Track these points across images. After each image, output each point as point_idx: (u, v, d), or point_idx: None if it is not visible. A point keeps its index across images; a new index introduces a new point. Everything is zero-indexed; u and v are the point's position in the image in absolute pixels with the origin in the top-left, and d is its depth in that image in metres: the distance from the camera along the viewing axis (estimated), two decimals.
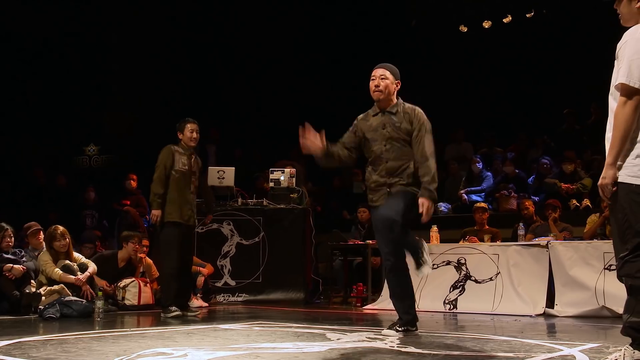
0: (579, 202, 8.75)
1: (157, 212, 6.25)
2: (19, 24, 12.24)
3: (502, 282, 6.74)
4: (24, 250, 6.95)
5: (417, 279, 7.06)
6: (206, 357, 3.48)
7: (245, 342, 4.16)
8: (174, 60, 13.24)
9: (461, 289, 6.96)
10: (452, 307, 6.92)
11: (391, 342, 4.13)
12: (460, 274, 7.02)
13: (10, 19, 12.15)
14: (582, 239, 7.19)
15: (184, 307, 6.37)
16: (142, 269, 7.38)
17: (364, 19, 13.17)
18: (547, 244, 6.64)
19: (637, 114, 2.99)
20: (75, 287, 6.42)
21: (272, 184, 8.49)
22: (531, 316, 6.33)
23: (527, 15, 11.89)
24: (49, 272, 6.44)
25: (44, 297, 6.24)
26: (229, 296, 8.10)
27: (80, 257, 6.84)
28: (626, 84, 2.98)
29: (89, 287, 6.50)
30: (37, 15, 12.29)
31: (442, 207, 9.99)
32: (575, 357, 3.50)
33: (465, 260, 7.03)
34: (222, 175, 8.32)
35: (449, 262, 7.12)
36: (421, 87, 10.50)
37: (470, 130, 11.95)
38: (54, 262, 6.54)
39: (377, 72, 4.67)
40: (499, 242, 7.40)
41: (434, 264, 7.14)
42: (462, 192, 10.00)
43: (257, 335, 4.60)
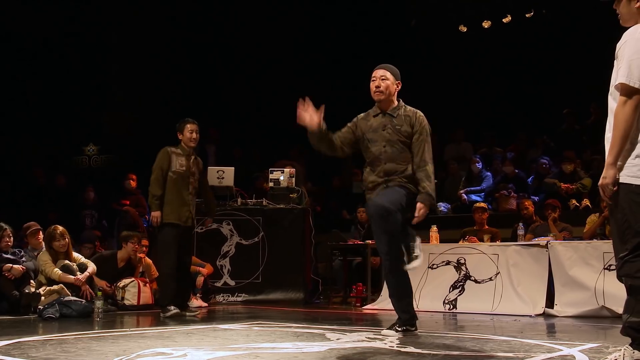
0: (578, 202, 8.75)
1: (156, 214, 6.26)
2: (19, 24, 12.24)
3: (502, 282, 6.74)
4: (24, 250, 6.95)
5: (417, 279, 7.09)
6: (206, 357, 3.48)
7: (244, 342, 4.16)
8: (174, 60, 13.23)
9: (461, 289, 6.96)
10: (452, 307, 6.92)
11: (391, 342, 4.13)
12: (459, 274, 7.01)
13: (10, 19, 12.15)
14: (581, 239, 7.19)
15: (183, 307, 6.37)
16: (141, 269, 7.38)
17: (364, 19, 13.17)
18: (546, 244, 6.64)
19: (637, 114, 2.99)
20: (74, 287, 6.41)
21: (271, 184, 8.48)
22: (531, 316, 6.33)
23: (527, 15, 11.88)
24: (48, 272, 6.43)
25: (43, 297, 6.23)
26: (229, 296, 8.09)
27: (79, 257, 6.83)
28: (626, 83, 2.98)
29: (88, 287, 6.50)
30: (37, 15, 12.29)
31: (442, 207, 9.99)
32: (574, 357, 3.50)
33: (464, 260, 7.03)
34: (222, 175, 8.32)
35: (448, 262, 7.12)
36: (421, 87, 10.50)
37: (469, 130, 11.94)
38: (54, 262, 6.53)
39: (378, 73, 4.65)
40: (498, 242, 7.39)
41: (433, 264, 7.18)
42: (461, 192, 9.99)
43: (256, 335, 4.60)
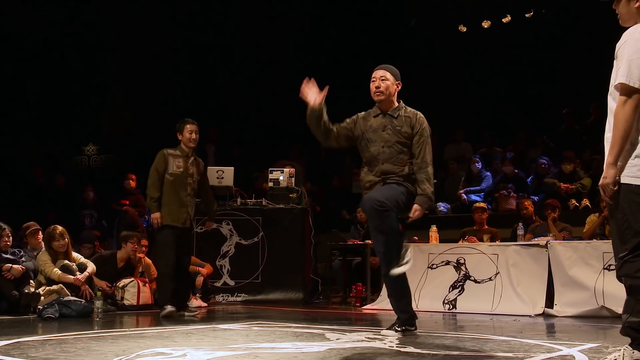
0: (578, 202, 8.75)
1: (156, 215, 6.27)
2: (19, 24, 12.24)
3: (502, 282, 6.74)
4: (23, 250, 6.94)
5: (416, 279, 7.09)
6: (205, 357, 3.48)
7: (244, 342, 4.16)
8: (174, 60, 13.23)
9: (460, 289, 6.96)
10: (452, 307, 6.92)
11: (390, 342, 4.13)
12: (459, 274, 7.01)
13: (10, 19, 12.15)
14: (581, 239, 7.19)
15: (183, 307, 6.37)
16: (141, 269, 7.38)
17: (364, 19, 13.16)
18: (546, 244, 6.64)
19: (636, 114, 2.99)
20: (74, 287, 6.41)
21: (271, 184, 8.48)
22: (530, 316, 6.32)
23: (527, 15, 11.88)
24: (47, 272, 6.42)
25: (42, 297, 6.23)
26: (228, 296, 8.09)
27: (79, 257, 6.82)
28: (626, 83, 2.98)
29: (87, 287, 6.49)
30: (37, 15, 12.29)
31: (442, 207, 9.99)
32: (574, 357, 3.50)
33: (464, 260, 7.03)
34: (221, 175, 8.32)
35: (448, 262, 7.12)
36: (421, 87, 10.50)
37: (469, 130, 11.94)
38: (53, 262, 6.52)
39: (378, 73, 4.64)
40: (498, 242, 7.39)
41: (433, 264, 7.18)
42: (461, 192, 9.99)
43: (256, 335, 4.60)
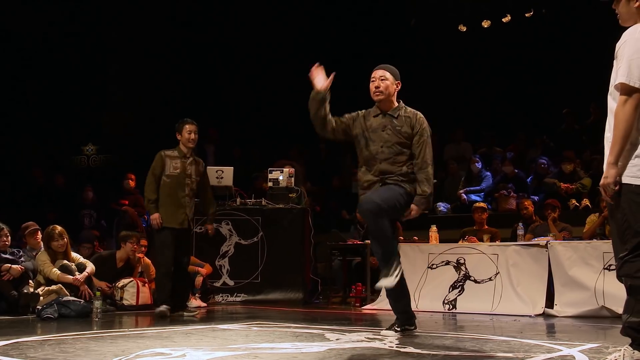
0: (578, 202, 8.74)
1: (155, 216, 6.29)
2: (19, 24, 12.24)
3: (502, 282, 6.73)
4: (22, 250, 6.94)
5: (416, 279, 7.09)
6: (205, 357, 3.48)
7: (243, 342, 4.16)
8: (174, 60, 13.23)
9: (460, 289, 6.95)
10: (451, 307, 6.91)
11: (390, 342, 4.13)
12: (459, 274, 7.00)
13: (10, 19, 12.15)
14: (581, 239, 7.18)
15: (182, 307, 6.36)
16: (140, 269, 7.37)
17: (364, 19, 13.16)
18: (546, 244, 6.63)
19: (637, 113, 2.99)
20: (73, 287, 6.39)
21: (270, 184, 8.46)
22: (530, 316, 6.32)
23: (527, 14, 11.88)
24: (46, 272, 6.41)
25: (41, 297, 6.22)
26: (228, 296, 8.08)
27: (78, 257, 6.81)
28: (626, 83, 2.98)
29: (87, 287, 6.47)
30: (37, 15, 12.28)
31: (442, 207, 9.99)
32: (574, 357, 3.50)
33: (464, 260, 7.02)
34: (221, 175, 8.31)
35: (448, 262, 7.11)
36: (421, 87, 10.49)
37: (469, 130, 11.93)
38: (52, 262, 6.51)
39: (377, 73, 4.63)
40: (498, 242, 7.39)
41: (433, 264, 7.17)
42: (461, 192, 9.99)
43: (255, 335, 4.59)
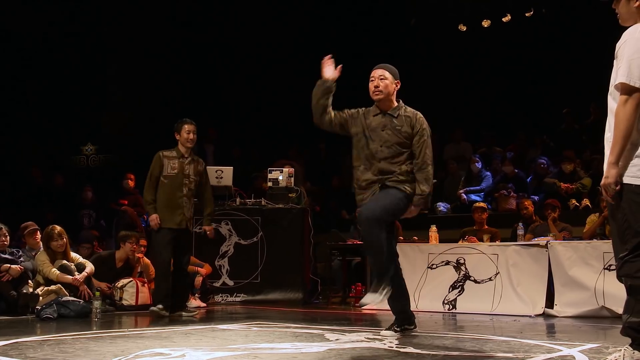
0: (578, 201, 8.74)
1: (153, 217, 6.31)
2: (19, 24, 12.23)
3: (502, 282, 6.73)
4: (21, 250, 6.93)
5: (416, 279, 7.08)
6: (204, 358, 3.47)
7: (243, 342, 4.16)
8: (174, 60, 13.23)
9: (460, 289, 6.94)
10: (451, 307, 6.90)
11: (390, 342, 4.12)
12: (459, 274, 7.00)
13: (10, 19, 12.14)
14: (581, 238, 7.17)
15: (182, 308, 6.36)
16: (139, 269, 7.37)
17: (364, 19, 13.15)
18: (546, 244, 6.62)
19: (637, 113, 2.98)
20: (72, 288, 6.38)
21: (270, 184, 8.45)
22: (530, 316, 6.31)
23: (527, 14, 11.87)
24: (46, 272, 6.41)
25: (41, 298, 6.22)
26: (227, 296, 8.07)
27: (77, 257, 6.80)
28: (626, 83, 2.97)
29: (86, 287, 6.46)
30: (37, 15, 12.28)
31: (441, 207, 9.98)
32: (574, 358, 3.50)
33: (464, 260, 7.01)
34: (221, 174, 8.31)
35: (448, 262, 7.11)
36: (421, 87, 10.49)
37: (469, 129, 11.93)
38: (51, 262, 6.50)
39: (376, 72, 4.62)
40: (498, 242, 7.38)
41: (433, 264, 7.17)
42: (461, 191, 9.98)
43: (255, 335, 4.59)
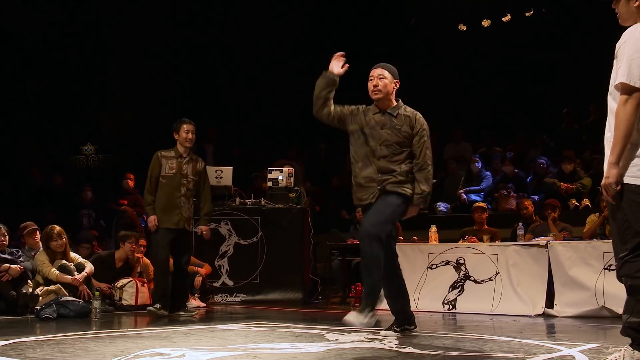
0: (578, 201, 8.74)
1: (151, 218, 6.33)
2: (19, 24, 12.23)
3: (502, 282, 6.72)
4: (21, 250, 6.93)
5: (416, 279, 7.08)
6: (204, 358, 3.47)
7: (243, 342, 4.16)
8: (174, 60, 13.23)
9: (460, 289, 6.94)
10: (451, 307, 6.90)
11: (390, 342, 4.12)
12: (459, 274, 6.99)
13: (10, 19, 12.14)
14: (581, 238, 7.17)
15: (181, 308, 6.35)
16: (139, 269, 7.36)
17: (364, 19, 13.15)
18: (546, 244, 6.62)
19: (637, 113, 2.98)
20: (72, 288, 6.38)
21: (270, 184, 8.45)
22: (530, 316, 6.31)
23: (527, 14, 11.87)
24: (45, 272, 6.40)
25: (40, 298, 6.21)
26: (227, 296, 8.07)
27: (77, 257, 6.79)
28: (626, 83, 2.97)
29: (85, 287, 6.46)
30: (37, 15, 12.28)
31: (441, 207, 9.98)
32: (574, 358, 3.49)
33: (464, 260, 7.01)
34: (220, 174, 8.30)
35: (448, 262, 7.10)
36: (421, 87, 10.49)
37: (469, 129, 11.93)
38: (51, 262, 6.49)
39: (375, 72, 4.62)
40: (498, 242, 7.37)
41: (433, 264, 7.16)
42: (461, 191, 9.98)
43: (255, 335, 4.59)
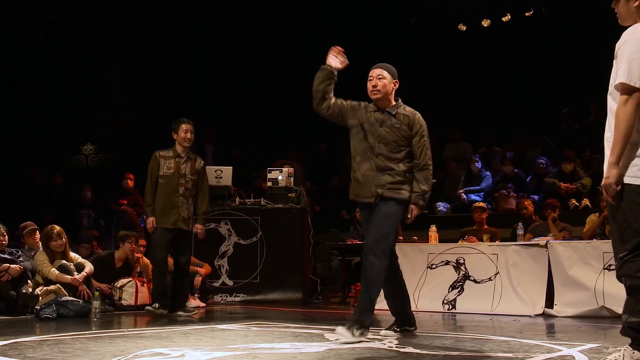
0: (578, 201, 8.74)
1: (150, 220, 6.35)
2: (19, 23, 12.23)
3: (501, 282, 6.72)
4: (21, 250, 6.93)
5: (416, 279, 7.07)
6: (204, 358, 3.47)
7: (243, 342, 4.16)
8: (174, 60, 13.23)
9: (460, 289, 6.94)
10: (451, 307, 6.90)
11: (389, 342, 4.12)
12: (459, 274, 6.99)
13: (10, 19, 12.14)
14: (581, 238, 7.17)
15: (181, 307, 6.35)
16: (139, 269, 7.36)
17: (364, 19, 13.15)
18: (546, 244, 6.62)
19: (637, 113, 2.98)
20: (71, 287, 6.38)
21: (270, 184, 8.45)
22: (530, 316, 6.31)
23: (527, 14, 11.87)
24: (45, 272, 6.39)
25: (40, 298, 6.21)
26: (227, 296, 8.07)
27: (76, 257, 6.79)
28: (626, 83, 2.97)
29: (85, 287, 6.46)
30: (37, 15, 12.28)
31: (441, 206, 9.98)
32: (574, 358, 3.49)
33: (464, 260, 7.01)
34: (220, 174, 8.30)
35: (447, 262, 7.10)
36: (421, 87, 10.49)
37: (469, 129, 11.92)
38: (51, 262, 6.49)
39: (375, 72, 4.61)
40: (498, 242, 7.37)
41: (432, 264, 7.16)
42: (461, 191, 9.98)
43: (254, 335, 4.59)
